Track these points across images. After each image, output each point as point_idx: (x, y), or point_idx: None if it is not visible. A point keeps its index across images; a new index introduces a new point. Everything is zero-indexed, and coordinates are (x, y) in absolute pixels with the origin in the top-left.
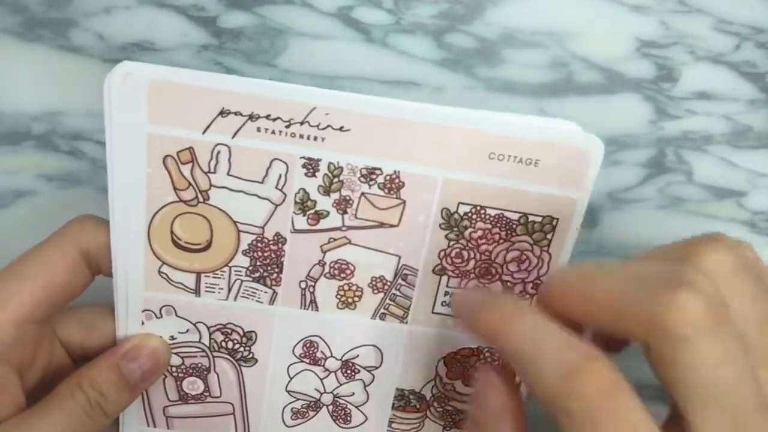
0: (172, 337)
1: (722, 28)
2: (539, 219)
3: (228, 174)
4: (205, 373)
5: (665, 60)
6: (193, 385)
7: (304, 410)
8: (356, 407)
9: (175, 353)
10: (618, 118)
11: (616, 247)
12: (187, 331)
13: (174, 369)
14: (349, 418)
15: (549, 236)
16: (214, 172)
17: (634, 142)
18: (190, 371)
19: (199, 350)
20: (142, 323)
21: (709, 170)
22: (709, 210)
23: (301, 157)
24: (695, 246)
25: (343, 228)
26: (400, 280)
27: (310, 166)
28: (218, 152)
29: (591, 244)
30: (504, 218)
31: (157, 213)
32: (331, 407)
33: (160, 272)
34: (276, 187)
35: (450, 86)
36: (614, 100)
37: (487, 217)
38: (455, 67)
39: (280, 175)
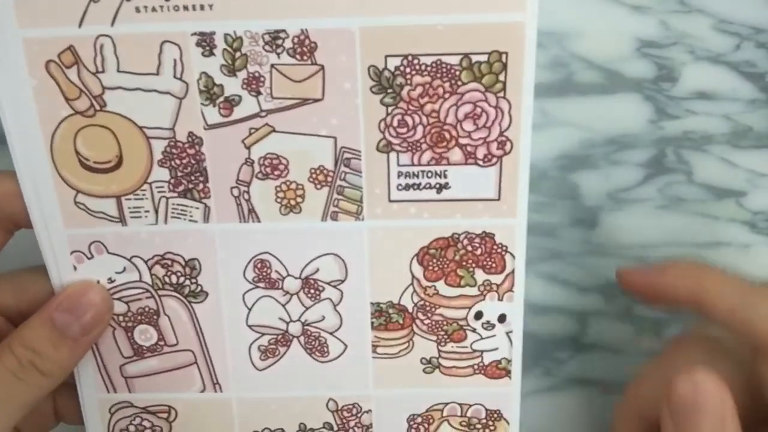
0: (110, 279)
1: (722, 28)
2: (484, 58)
3: (119, 71)
4: (155, 317)
5: (665, 60)
6: (145, 335)
7: (273, 347)
8: (331, 334)
9: (118, 299)
10: (618, 118)
11: (616, 247)
12: (124, 269)
13: (121, 318)
14: (325, 349)
15: (501, 77)
16: (103, 71)
17: (634, 142)
18: (139, 318)
19: (143, 290)
20: (75, 268)
21: (709, 170)
22: (709, 210)
23: (192, 34)
24: None
25: (262, 113)
26: (343, 167)
27: (205, 42)
28: (101, 46)
29: (591, 244)
30: (443, 65)
31: (55, 132)
32: (302, 338)
33: (76, 203)
34: (174, 77)
35: None
36: (614, 100)
37: (423, 67)
38: None
39: (175, 61)
